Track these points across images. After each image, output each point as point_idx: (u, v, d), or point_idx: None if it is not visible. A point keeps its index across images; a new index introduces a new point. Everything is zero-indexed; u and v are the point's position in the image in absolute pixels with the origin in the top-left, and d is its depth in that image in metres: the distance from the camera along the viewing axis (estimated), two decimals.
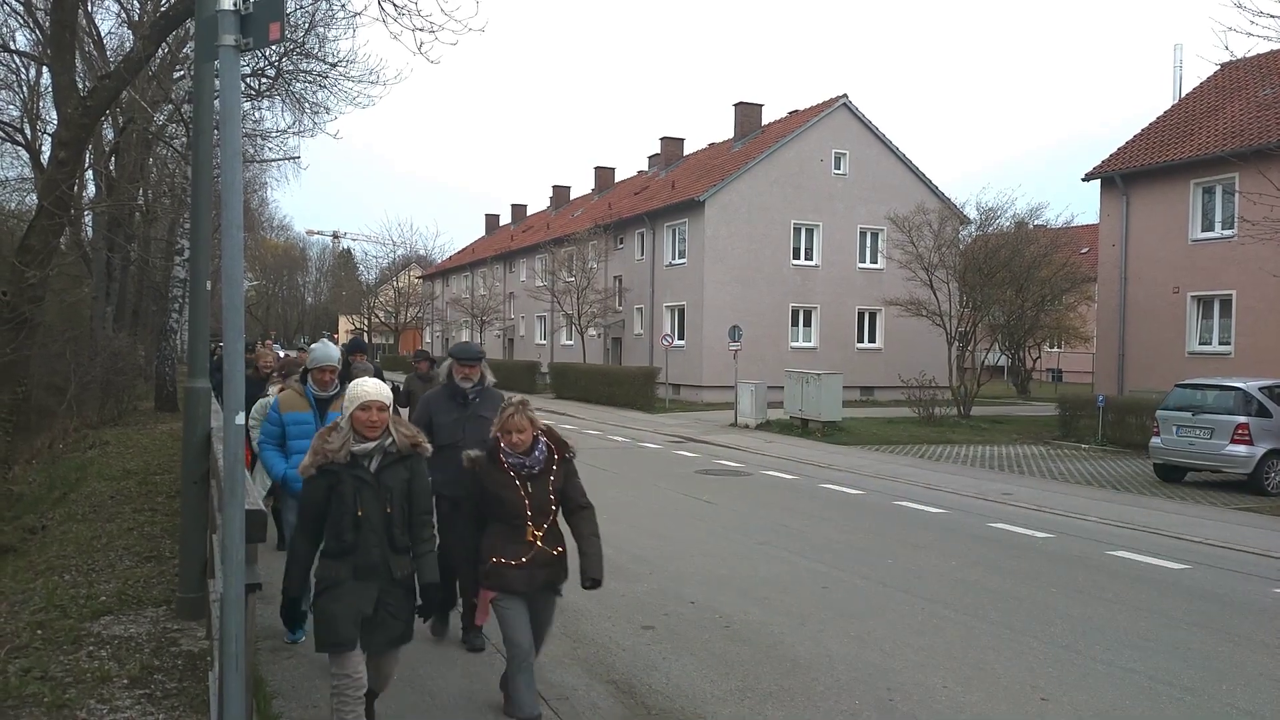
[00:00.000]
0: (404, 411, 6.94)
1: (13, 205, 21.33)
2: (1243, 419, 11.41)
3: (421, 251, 58.01)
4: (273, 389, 6.38)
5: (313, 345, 5.24)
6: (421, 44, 13.11)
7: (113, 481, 9.47)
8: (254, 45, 2.63)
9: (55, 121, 12.24)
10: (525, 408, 3.76)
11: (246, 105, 14.28)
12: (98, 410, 16.05)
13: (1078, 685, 4.54)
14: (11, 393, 10.74)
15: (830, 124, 27.12)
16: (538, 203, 53.27)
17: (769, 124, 30.91)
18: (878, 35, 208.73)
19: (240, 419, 2.66)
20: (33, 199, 16.72)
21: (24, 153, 18.89)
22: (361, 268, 64.93)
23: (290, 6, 12.18)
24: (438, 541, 3.60)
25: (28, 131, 18.32)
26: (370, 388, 3.38)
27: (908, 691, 4.39)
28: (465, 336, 46.26)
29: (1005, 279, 21.45)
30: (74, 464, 11.45)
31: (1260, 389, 11.71)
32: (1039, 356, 36.93)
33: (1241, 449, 11.37)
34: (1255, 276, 15.96)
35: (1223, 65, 18.64)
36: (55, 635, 4.61)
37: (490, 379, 4.95)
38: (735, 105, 31.35)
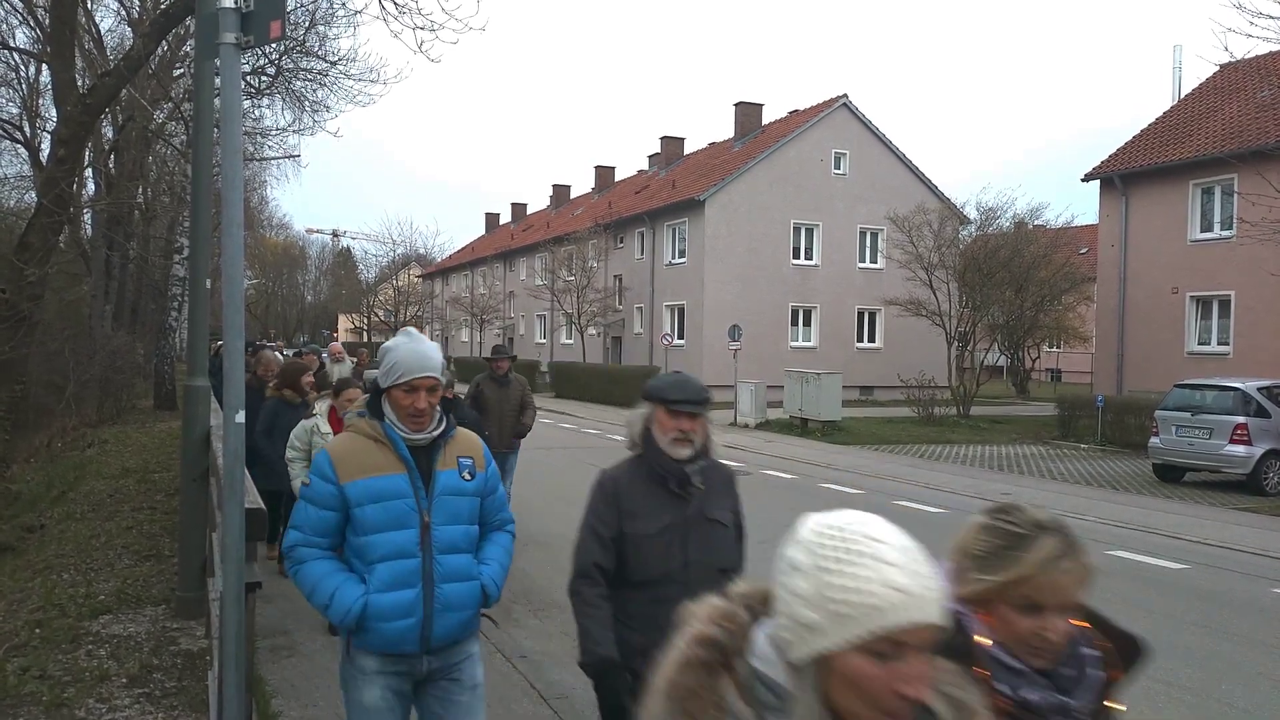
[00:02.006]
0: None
1: (11, 203, 21.30)
2: (1241, 419, 11.41)
3: (421, 250, 57.99)
4: (319, 406, 5.21)
5: (393, 343, 2.34)
6: (422, 43, 13.12)
7: (111, 480, 9.46)
8: (255, 43, 2.62)
9: (54, 119, 12.22)
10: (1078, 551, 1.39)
11: (246, 103, 14.26)
12: (96, 408, 16.02)
13: None
14: (10, 391, 10.72)
15: (830, 124, 27.11)
16: (538, 201, 53.28)
17: (769, 124, 30.91)
18: (878, 35, 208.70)
19: (240, 417, 2.65)
20: (32, 196, 16.69)
21: (23, 150, 18.86)
22: (361, 266, 64.96)
23: (291, 4, 12.16)
24: None
25: (27, 129, 18.29)
26: None
27: None
28: (465, 337, 46.15)
29: (1005, 279, 21.46)
30: (72, 462, 11.43)
31: (1259, 389, 11.72)
32: (1038, 356, 36.94)
33: (1240, 449, 11.37)
34: (1254, 277, 15.96)
35: (1222, 66, 18.63)
36: (54, 634, 4.60)
37: (712, 442, 2.57)
38: (735, 105, 31.35)
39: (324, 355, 11.52)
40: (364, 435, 2.29)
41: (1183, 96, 20.53)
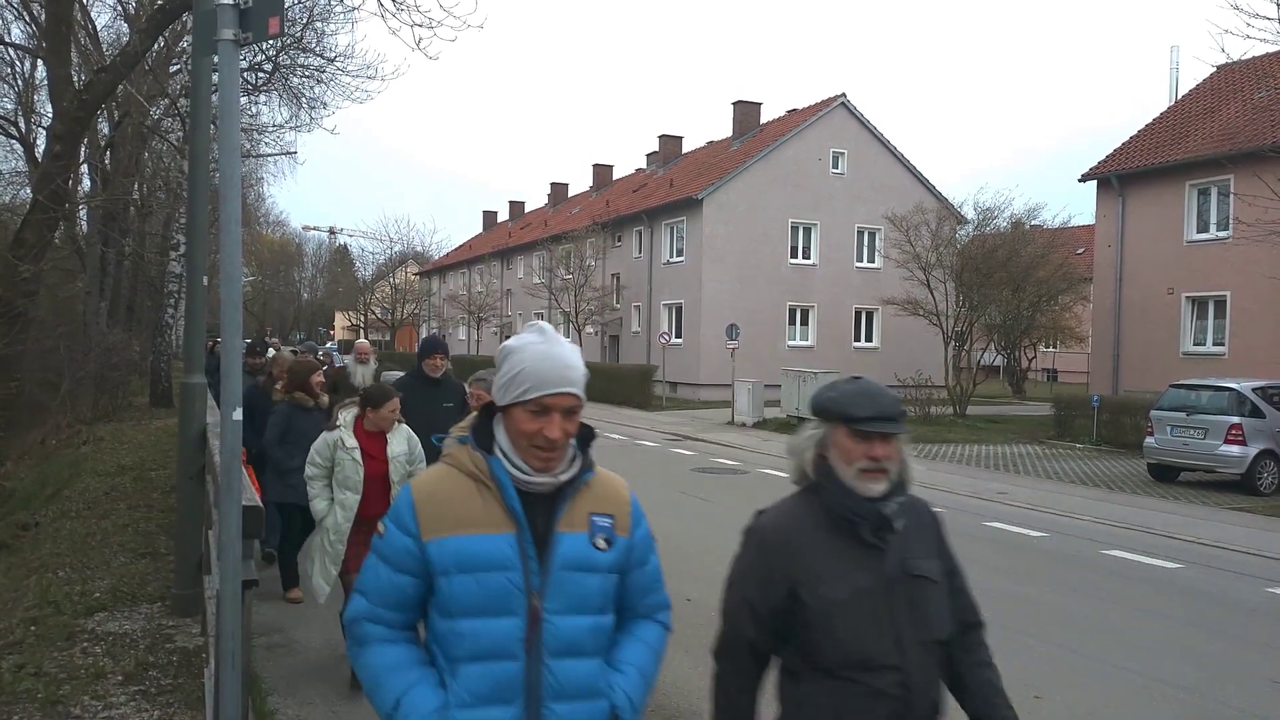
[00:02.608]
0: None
1: (6, 199, 21.23)
2: (1236, 419, 11.45)
3: (419, 248, 57.90)
4: (343, 417, 4.19)
5: (518, 341, 1.64)
6: (420, 40, 13.10)
7: (107, 478, 9.43)
8: (253, 40, 2.61)
9: (50, 115, 12.18)
10: None
11: (243, 100, 14.20)
12: (91, 406, 15.97)
13: (1072, 683, 4.55)
14: (4, 388, 10.69)
15: (828, 123, 27.13)
16: (535, 200, 53.27)
17: (767, 123, 30.91)
18: (876, 35, 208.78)
19: (238, 414, 2.64)
20: (27, 193, 16.65)
21: (18, 146, 18.81)
22: (358, 264, 64.83)
23: (288, 1, 12.12)
24: None
25: (22, 125, 18.24)
26: None
27: None
28: (462, 335, 46.07)
29: (1002, 279, 21.50)
30: (67, 460, 11.39)
31: (1254, 390, 11.76)
32: (1034, 356, 37.02)
33: (1235, 449, 11.41)
34: (1249, 278, 16.01)
35: (1218, 67, 18.70)
36: (49, 632, 4.59)
37: (910, 470, 2.08)
38: (734, 104, 31.34)
39: (330, 353, 11.06)
40: (462, 472, 1.58)
41: (1180, 97, 20.57)
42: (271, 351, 9.34)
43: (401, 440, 4.25)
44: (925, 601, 1.75)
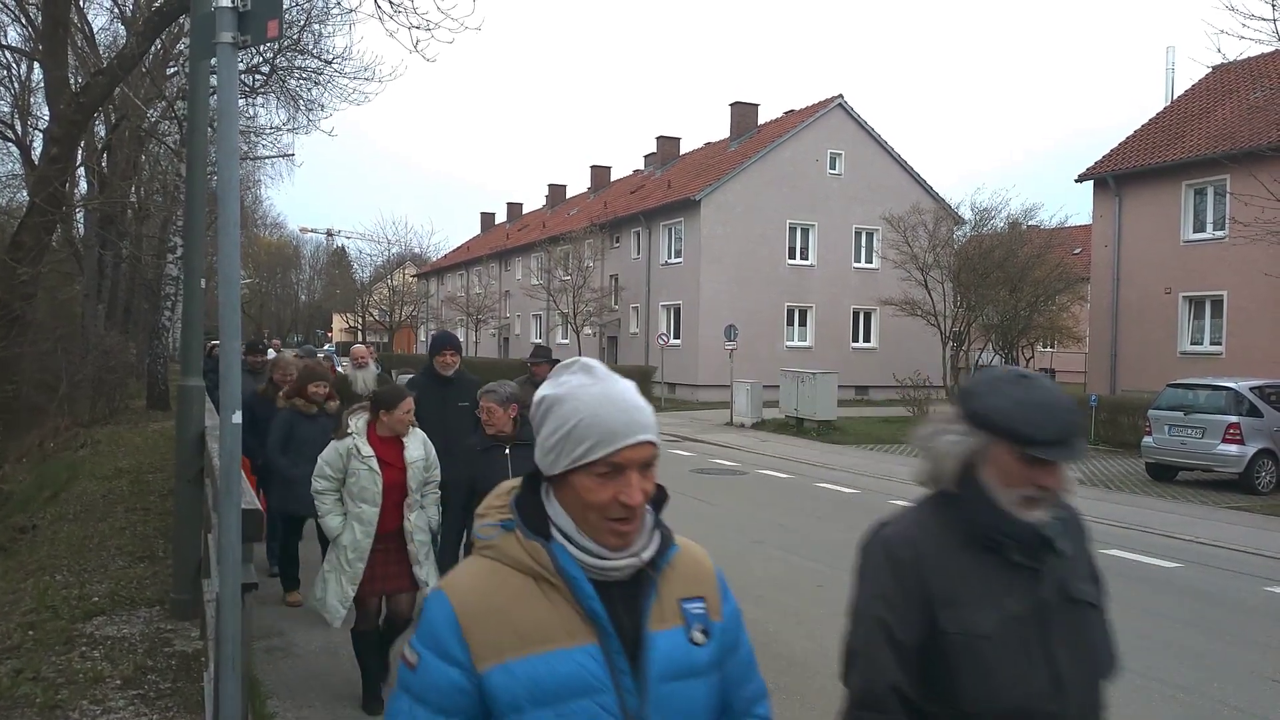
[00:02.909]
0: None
1: (4, 202, 21.19)
2: (1234, 419, 11.47)
3: (416, 249, 57.86)
4: (354, 423, 3.94)
5: (562, 388, 1.23)
6: (418, 42, 13.06)
7: (104, 481, 9.41)
8: (252, 42, 2.61)
9: (46, 118, 12.18)
10: None
11: (240, 102, 14.19)
12: (89, 409, 15.95)
13: None
14: (2, 390, 10.67)
15: (826, 124, 27.16)
16: (533, 201, 53.26)
17: (765, 124, 30.94)
18: (873, 36, 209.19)
19: (237, 418, 2.64)
20: (24, 195, 16.61)
21: (15, 149, 18.79)
22: (356, 266, 64.76)
23: (286, 3, 12.12)
24: None
25: (19, 127, 18.21)
26: None
27: None
28: (460, 337, 46.00)
29: (999, 279, 21.55)
30: (65, 463, 11.37)
31: (1251, 389, 11.78)
32: (1032, 356, 37.07)
33: (1233, 448, 11.43)
34: (1246, 277, 16.05)
35: (1214, 68, 18.73)
36: (47, 636, 4.57)
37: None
38: (731, 105, 31.36)
39: (329, 355, 11.05)
40: (511, 566, 1.19)
41: (1176, 98, 20.62)
42: (271, 353, 9.22)
43: (418, 445, 4.01)
44: (1088, 632, 1.47)
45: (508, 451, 3.85)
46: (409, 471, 3.92)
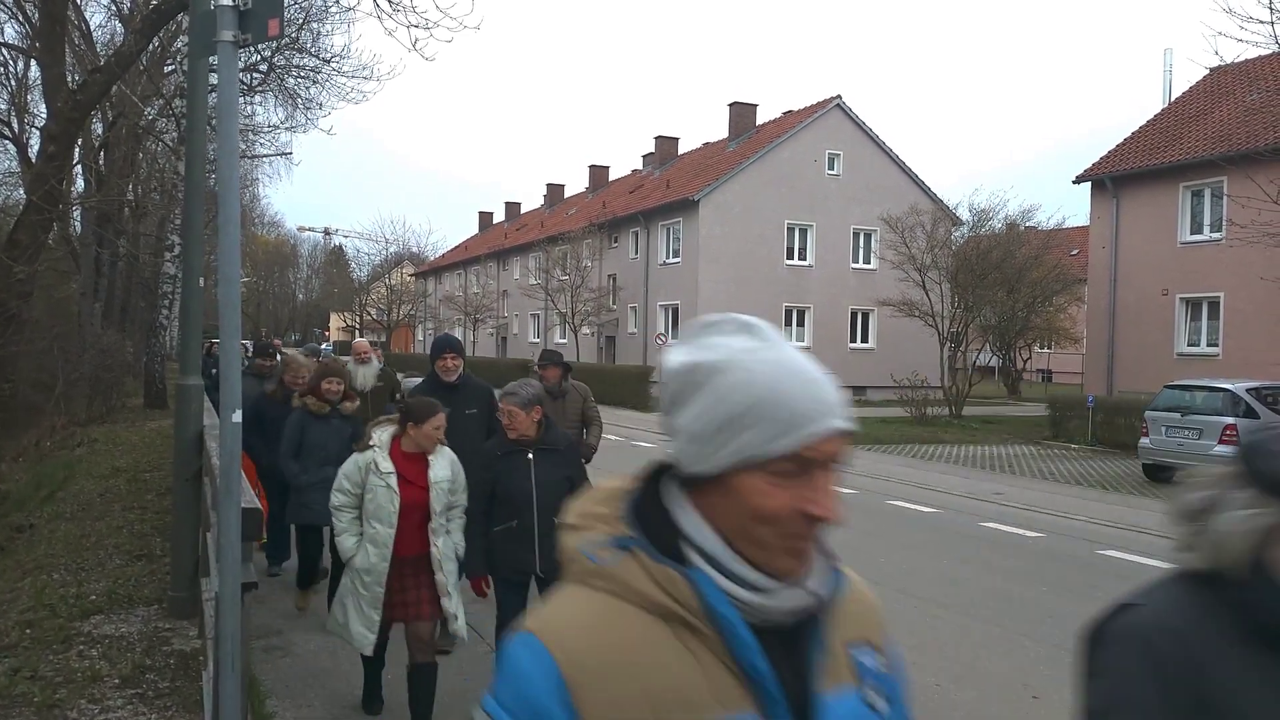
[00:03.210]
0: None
1: (0, 200, 21.13)
2: (1230, 420, 11.50)
3: (414, 248, 57.84)
4: (377, 436, 3.65)
5: (721, 356, 0.89)
6: (416, 41, 13.08)
7: (101, 479, 9.39)
8: (252, 41, 2.61)
9: (44, 115, 12.16)
10: None
11: (239, 100, 14.19)
12: (86, 407, 15.91)
13: (1069, 683, 4.56)
14: None
15: (824, 124, 27.19)
16: (532, 200, 53.21)
17: (763, 124, 30.97)
18: (872, 37, 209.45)
19: (237, 416, 2.63)
20: (20, 193, 16.56)
21: (12, 147, 18.73)
22: (353, 265, 64.71)
23: (286, 1, 12.12)
24: None
25: (15, 125, 18.17)
26: None
27: None
28: (457, 335, 45.96)
29: (997, 280, 21.57)
30: (62, 462, 11.34)
31: (1248, 390, 11.82)
32: (1030, 357, 37.17)
33: (1229, 450, 11.46)
34: (1243, 279, 16.10)
35: (1212, 70, 18.77)
36: (44, 635, 4.56)
37: None
38: (730, 105, 31.38)
39: (328, 354, 10.88)
40: (636, 605, 0.84)
41: (1173, 100, 20.67)
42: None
43: (445, 464, 3.62)
44: None
45: (530, 456, 3.62)
46: (432, 492, 3.55)
